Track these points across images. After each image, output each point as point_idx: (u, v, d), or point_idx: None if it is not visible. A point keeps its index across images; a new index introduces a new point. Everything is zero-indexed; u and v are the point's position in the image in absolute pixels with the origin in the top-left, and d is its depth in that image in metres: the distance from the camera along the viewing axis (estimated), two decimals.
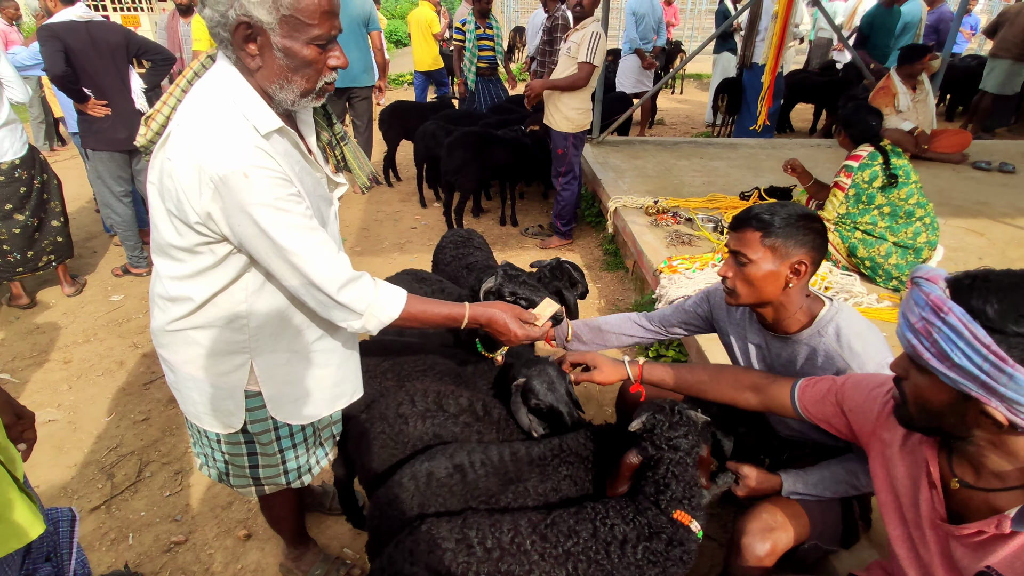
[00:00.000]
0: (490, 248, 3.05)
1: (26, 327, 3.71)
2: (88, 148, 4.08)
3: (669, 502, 1.35)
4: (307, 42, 1.17)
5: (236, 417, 1.43)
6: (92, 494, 2.46)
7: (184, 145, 1.15)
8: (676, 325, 1.95)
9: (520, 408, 1.73)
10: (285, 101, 1.24)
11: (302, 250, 1.20)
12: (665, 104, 10.99)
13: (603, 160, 5.60)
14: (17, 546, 1.07)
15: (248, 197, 1.14)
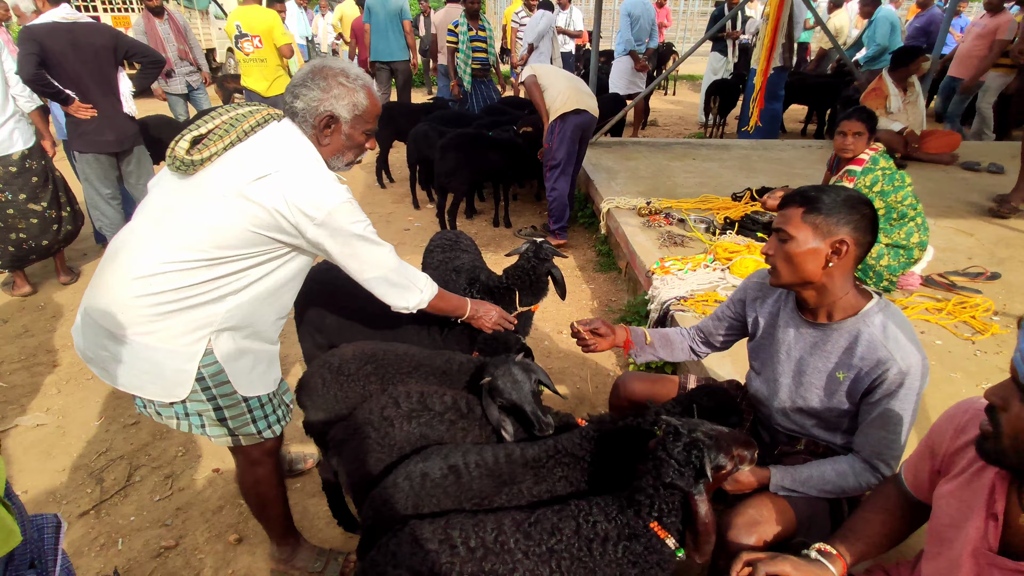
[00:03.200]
0: (478, 249, 3.05)
1: (14, 331, 3.68)
2: (75, 150, 4.07)
3: (640, 509, 1.33)
4: (363, 132, 1.67)
5: (183, 387, 1.57)
6: (81, 499, 2.44)
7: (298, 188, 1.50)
8: (715, 334, 1.95)
9: (490, 405, 1.75)
10: (335, 167, 1.67)
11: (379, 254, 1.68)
12: (658, 105, 11.03)
13: (596, 161, 5.61)
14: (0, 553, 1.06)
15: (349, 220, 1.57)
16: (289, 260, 1.63)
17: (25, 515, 1.26)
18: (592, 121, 4.47)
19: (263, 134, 1.55)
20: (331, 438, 1.75)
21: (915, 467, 1.35)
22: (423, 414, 1.68)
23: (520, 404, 1.71)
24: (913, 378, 1.47)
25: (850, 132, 3.06)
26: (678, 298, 3.08)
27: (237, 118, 1.53)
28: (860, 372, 1.53)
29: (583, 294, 4.10)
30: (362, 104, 1.61)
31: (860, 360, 1.52)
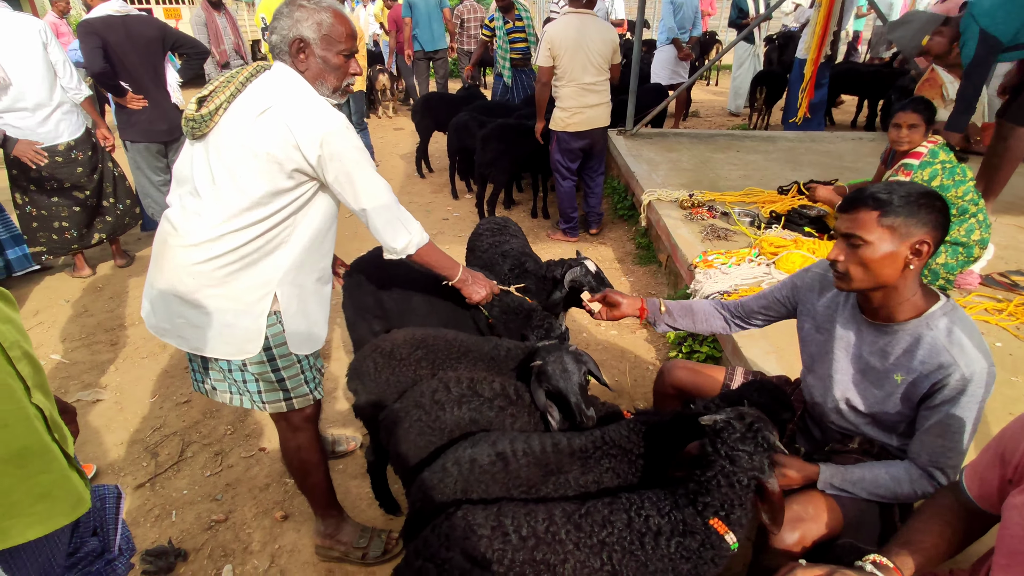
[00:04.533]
0: (525, 236, 3.04)
1: (75, 311, 3.86)
2: (127, 140, 4.21)
3: (706, 507, 1.33)
4: (336, 53, 1.67)
5: (255, 343, 1.69)
6: (138, 472, 2.56)
7: (295, 114, 1.56)
8: (756, 312, 1.92)
9: (537, 389, 1.76)
10: (321, 95, 1.68)
11: (375, 183, 1.69)
12: (700, 96, 10.80)
13: (637, 152, 5.53)
14: (65, 522, 1.12)
15: (345, 143, 1.60)
16: (319, 200, 1.71)
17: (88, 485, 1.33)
18: (599, 134, 4.49)
19: (259, 79, 1.65)
20: (382, 420, 1.78)
21: (981, 475, 1.29)
22: (473, 400, 1.70)
23: (565, 393, 1.71)
24: (976, 385, 1.40)
25: (905, 124, 2.93)
26: (721, 292, 3.02)
27: (233, 74, 1.65)
28: (919, 376, 1.47)
29: (622, 286, 4.06)
30: (327, 22, 1.63)
31: (920, 364, 1.47)
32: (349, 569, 2.10)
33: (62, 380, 3.18)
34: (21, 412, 1.02)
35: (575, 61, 4.15)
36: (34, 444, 1.04)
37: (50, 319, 3.77)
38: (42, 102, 3.67)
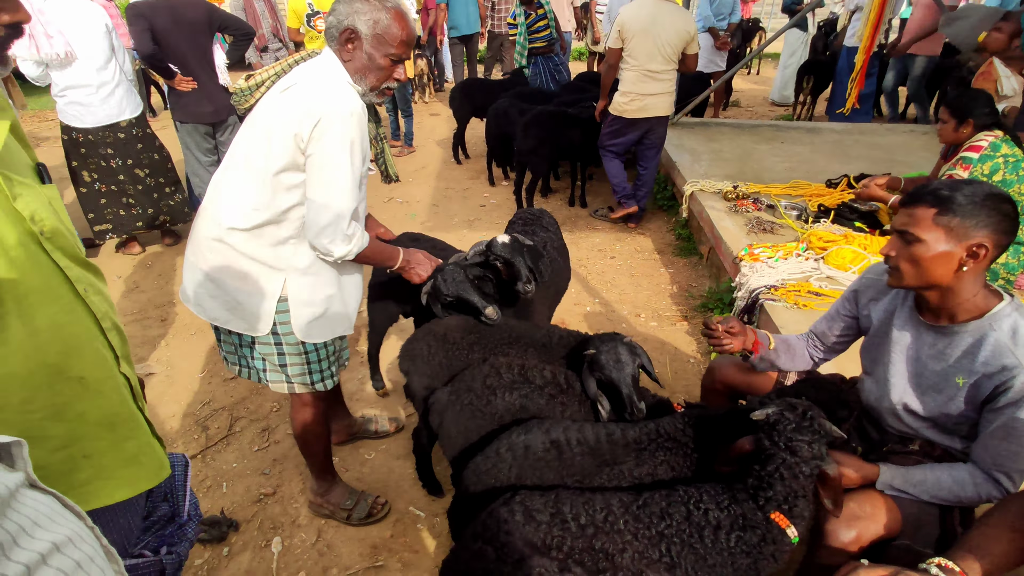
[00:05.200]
0: (560, 231, 2.96)
1: (127, 287, 3.99)
2: (176, 120, 4.31)
3: (768, 501, 1.31)
4: (384, 55, 1.66)
5: (264, 323, 1.76)
6: (190, 444, 2.64)
7: (310, 91, 1.61)
8: (830, 335, 1.87)
9: (589, 379, 1.75)
10: (359, 89, 1.69)
11: (342, 184, 1.61)
12: (740, 85, 10.53)
13: (678, 142, 5.44)
14: (148, 486, 1.17)
15: (340, 129, 1.57)
16: None
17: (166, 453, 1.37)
18: (657, 121, 4.41)
19: (304, 64, 1.72)
20: (431, 402, 1.81)
21: None
22: (524, 386, 1.72)
23: (617, 383, 1.70)
24: None
25: (941, 118, 2.93)
26: (768, 287, 2.97)
27: (287, 57, 1.76)
28: (981, 378, 1.43)
29: (662, 278, 4.02)
30: (384, 23, 1.62)
31: (983, 365, 1.42)
32: (392, 546, 2.15)
33: None
34: (113, 381, 1.06)
35: (642, 46, 4.07)
36: (123, 411, 1.08)
37: None
38: (105, 80, 3.80)
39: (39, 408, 0.95)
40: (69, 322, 0.98)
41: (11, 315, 0.89)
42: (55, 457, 0.99)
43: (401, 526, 2.23)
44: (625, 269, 4.15)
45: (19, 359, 0.91)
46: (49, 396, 0.96)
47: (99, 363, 1.03)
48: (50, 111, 7.75)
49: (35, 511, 0.54)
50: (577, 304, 3.70)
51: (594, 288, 3.90)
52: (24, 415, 0.94)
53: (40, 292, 0.93)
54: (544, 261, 2.33)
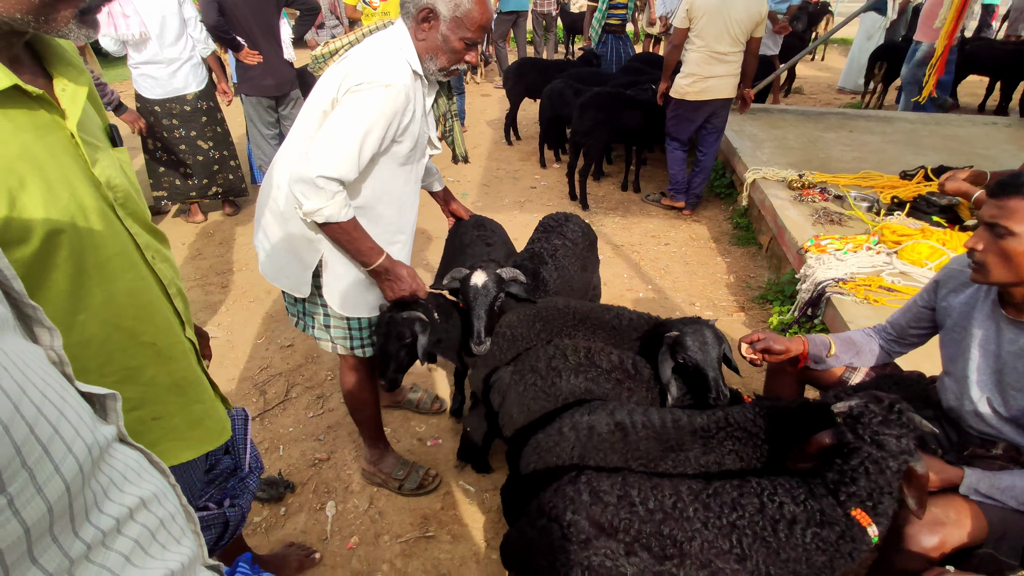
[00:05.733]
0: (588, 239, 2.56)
1: (190, 253, 4.14)
2: (242, 93, 4.41)
3: (850, 497, 1.25)
4: (460, 38, 1.63)
5: (304, 288, 1.81)
6: (248, 406, 2.72)
7: (357, 57, 1.63)
8: (907, 328, 1.79)
9: (667, 362, 1.70)
10: (428, 69, 1.69)
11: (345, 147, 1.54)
12: (804, 72, 10.08)
13: (738, 128, 5.24)
14: (212, 447, 1.19)
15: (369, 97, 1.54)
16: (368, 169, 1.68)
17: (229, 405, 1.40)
18: (721, 104, 4.27)
19: (376, 34, 1.71)
20: (494, 380, 1.79)
21: None
22: (590, 369, 1.68)
23: (703, 366, 1.65)
24: None
25: None
26: (836, 280, 2.84)
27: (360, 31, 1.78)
28: None
29: (718, 267, 3.90)
30: (465, 6, 1.59)
31: None
32: (442, 518, 2.17)
33: None
34: (181, 346, 1.09)
35: (711, 27, 3.94)
36: (190, 375, 1.11)
37: None
38: (175, 57, 3.95)
39: (115, 371, 0.97)
40: (142, 289, 1.00)
41: (92, 281, 0.91)
42: (128, 418, 1.00)
43: (451, 499, 2.24)
44: (679, 256, 4.05)
45: (98, 324, 0.93)
46: (124, 360, 0.98)
47: (168, 329, 1.05)
48: (123, 82, 8.06)
49: (125, 465, 0.55)
50: (629, 290, 3.64)
51: (647, 274, 3.82)
52: (101, 378, 0.95)
53: (117, 258, 0.94)
54: (549, 269, 2.20)
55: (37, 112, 0.83)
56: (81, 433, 0.48)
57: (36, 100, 0.83)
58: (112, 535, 0.50)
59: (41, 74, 0.88)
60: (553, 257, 2.26)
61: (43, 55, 0.89)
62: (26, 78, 0.82)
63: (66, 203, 0.85)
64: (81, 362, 0.92)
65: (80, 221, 0.87)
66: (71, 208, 0.86)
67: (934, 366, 1.79)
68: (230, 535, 1.33)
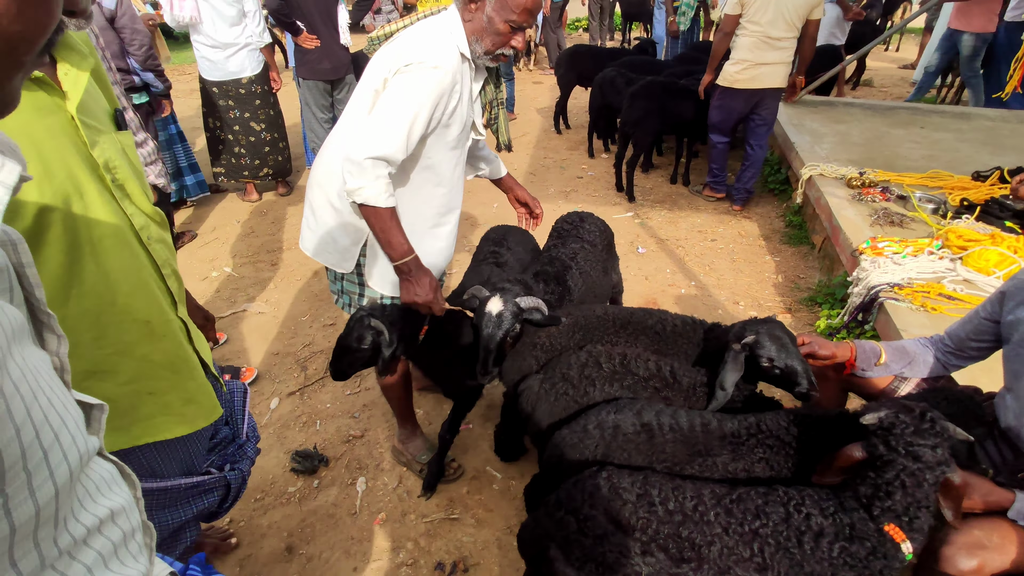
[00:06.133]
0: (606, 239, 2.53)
1: (244, 231, 4.31)
2: (299, 76, 4.54)
3: (884, 512, 1.20)
4: (504, 20, 1.62)
5: (348, 263, 1.86)
6: (290, 381, 2.83)
7: (407, 39, 1.67)
8: (967, 340, 1.69)
9: (736, 369, 1.60)
10: (475, 52, 1.69)
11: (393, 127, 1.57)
12: (875, 63, 9.53)
13: (798, 122, 5.02)
14: (204, 424, 1.24)
15: (419, 77, 1.58)
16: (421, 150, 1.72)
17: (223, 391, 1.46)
18: (770, 94, 4.10)
19: (428, 19, 1.74)
20: (523, 389, 1.75)
21: None
22: (626, 377, 1.63)
23: (791, 363, 1.59)
24: None
25: None
26: (891, 284, 2.69)
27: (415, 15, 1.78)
28: None
29: (766, 266, 3.77)
30: None
31: None
32: (468, 502, 2.20)
33: (231, 291, 3.58)
34: (171, 324, 1.13)
35: (765, 10, 3.79)
36: (182, 354, 1.15)
37: (224, 236, 4.24)
38: (231, 42, 4.11)
39: (109, 345, 1.02)
40: (135, 267, 1.04)
41: (86, 257, 0.96)
42: (123, 391, 1.06)
43: (477, 484, 2.27)
44: (726, 253, 3.93)
45: (92, 299, 0.98)
46: (118, 335, 1.03)
47: (159, 307, 1.10)
48: (191, 65, 8.43)
49: (99, 476, 0.57)
50: (671, 285, 3.56)
51: (691, 270, 3.73)
52: (96, 350, 1.01)
53: (111, 237, 0.99)
54: (574, 275, 2.14)
55: (37, 94, 0.88)
56: (76, 441, 0.50)
57: (35, 82, 0.88)
58: (79, 546, 0.51)
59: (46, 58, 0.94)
60: (575, 261, 2.19)
61: None
62: None
63: (61, 182, 0.90)
64: (76, 334, 0.97)
65: (75, 200, 0.92)
66: (66, 187, 0.91)
67: (993, 381, 1.68)
68: (233, 497, 1.41)
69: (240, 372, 2.79)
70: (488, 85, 1.93)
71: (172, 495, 1.23)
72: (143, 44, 3.48)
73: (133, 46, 3.44)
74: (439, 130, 1.71)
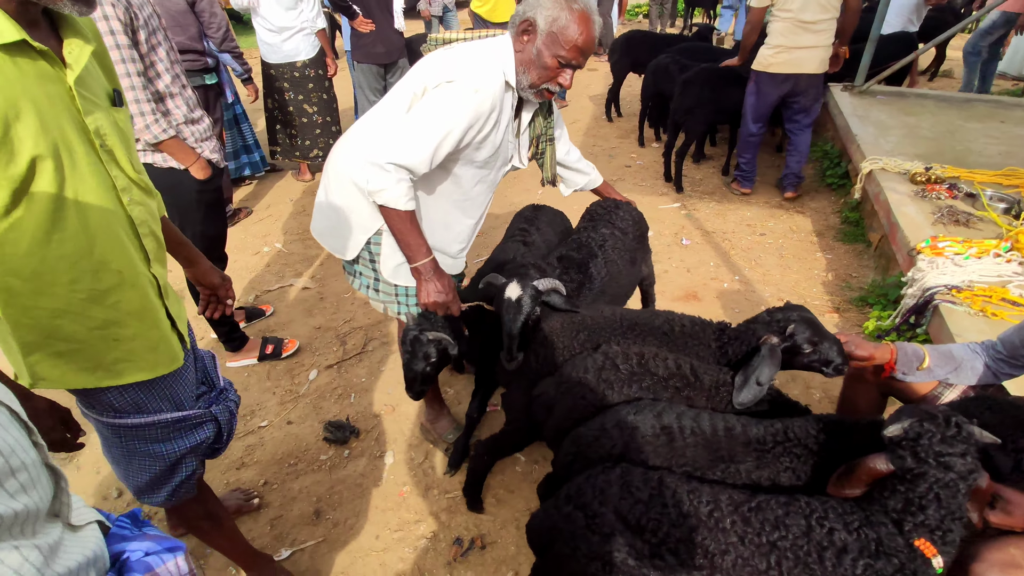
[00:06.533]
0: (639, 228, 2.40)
1: (296, 209, 4.47)
2: (354, 60, 4.66)
3: (917, 527, 1.14)
4: (553, 55, 1.62)
5: (351, 251, 1.89)
6: (329, 354, 2.94)
7: (458, 53, 1.69)
8: (1022, 348, 1.59)
9: (773, 364, 1.53)
10: (520, 83, 1.70)
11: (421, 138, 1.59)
12: (956, 54, 8.87)
13: (863, 113, 4.75)
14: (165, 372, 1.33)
15: (453, 94, 1.59)
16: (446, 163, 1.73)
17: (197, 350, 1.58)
18: (807, 81, 3.93)
19: (484, 40, 1.75)
20: (537, 394, 1.70)
21: None
22: (645, 378, 1.58)
23: (828, 348, 1.55)
24: None
25: None
26: (949, 287, 2.53)
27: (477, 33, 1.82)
28: None
29: (816, 263, 3.61)
30: (561, 22, 1.57)
31: None
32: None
33: (281, 266, 3.73)
34: (142, 278, 1.24)
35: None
36: (148, 304, 1.26)
37: (277, 213, 4.42)
38: (285, 26, 4.26)
39: (83, 290, 1.14)
40: (111, 223, 1.16)
41: (69, 208, 1.08)
42: (93, 335, 1.19)
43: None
44: (775, 248, 3.79)
45: (71, 245, 1.10)
46: (92, 281, 1.14)
47: (131, 261, 1.21)
48: (254, 50, 8.76)
49: None
50: (715, 279, 3.47)
51: (735, 264, 3.62)
52: (71, 293, 1.13)
53: (93, 193, 1.11)
54: (598, 263, 2.09)
55: (40, 64, 1.02)
56: None
57: (41, 55, 1.02)
58: None
59: (54, 37, 1.08)
60: (602, 248, 2.14)
61: (58, 23, 1.09)
62: (37, 37, 1.02)
63: (54, 139, 1.03)
64: (54, 275, 1.10)
65: (64, 155, 1.05)
66: (58, 145, 1.04)
67: None
68: (227, 435, 1.53)
69: (283, 343, 2.91)
70: (538, 118, 1.90)
71: (162, 428, 1.35)
72: (220, 27, 3.70)
73: (211, 28, 3.66)
74: (468, 151, 1.72)
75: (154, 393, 1.32)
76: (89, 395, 1.28)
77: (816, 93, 4.04)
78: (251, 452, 2.39)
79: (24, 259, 1.06)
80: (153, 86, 2.05)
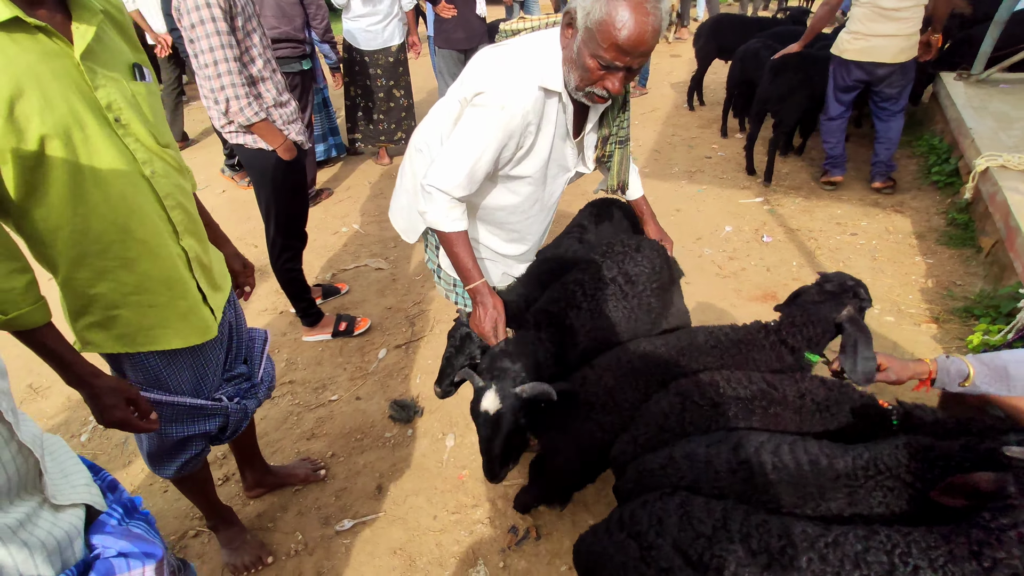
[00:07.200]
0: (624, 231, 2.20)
1: (374, 192, 4.61)
2: (436, 45, 4.72)
3: (996, 565, 1.00)
4: (591, 55, 1.40)
5: (413, 236, 1.98)
6: (398, 335, 3.02)
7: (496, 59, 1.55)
8: None
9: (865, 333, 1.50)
10: (567, 83, 1.52)
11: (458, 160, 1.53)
12: None
13: (980, 104, 4.30)
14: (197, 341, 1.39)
15: (480, 113, 1.50)
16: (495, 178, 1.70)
17: (244, 327, 1.64)
18: (888, 70, 3.64)
19: (545, 30, 1.63)
20: (617, 455, 1.55)
21: None
22: (729, 405, 1.45)
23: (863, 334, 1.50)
24: None
25: None
26: None
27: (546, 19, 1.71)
28: None
29: (914, 268, 3.32)
30: (597, 15, 1.32)
31: None
32: None
33: (357, 247, 3.86)
34: (168, 249, 1.29)
35: None
36: (176, 275, 1.32)
37: (356, 195, 4.57)
38: (388, 12, 4.39)
39: (113, 258, 1.20)
40: (133, 194, 1.21)
41: (88, 182, 1.13)
42: (129, 301, 1.26)
43: None
44: (867, 250, 3.52)
45: (95, 218, 1.15)
46: (121, 250, 1.21)
47: (156, 232, 1.26)
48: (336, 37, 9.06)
49: None
50: (796, 280, 3.27)
51: (820, 265, 3.39)
52: (102, 260, 1.20)
53: (110, 167, 1.15)
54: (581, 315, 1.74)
55: (41, 39, 1.05)
56: None
57: (42, 31, 1.04)
58: None
59: (61, 12, 1.11)
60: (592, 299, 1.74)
61: None
62: (42, 14, 1.05)
63: (62, 114, 1.06)
64: (84, 245, 1.16)
65: (76, 131, 1.09)
66: (67, 119, 1.07)
67: None
68: (231, 430, 1.58)
69: (356, 321, 3.02)
70: (608, 116, 1.75)
71: (177, 411, 1.43)
72: (324, 18, 3.92)
73: (316, 20, 3.88)
74: (509, 167, 1.64)
75: (174, 368, 1.39)
76: (118, 361, 1.36)
77: (903, 81, 3.74)
78: (321, 424, 2.50)
79: (55, 233, 1.14)
80: (247, 71, 2.16)
